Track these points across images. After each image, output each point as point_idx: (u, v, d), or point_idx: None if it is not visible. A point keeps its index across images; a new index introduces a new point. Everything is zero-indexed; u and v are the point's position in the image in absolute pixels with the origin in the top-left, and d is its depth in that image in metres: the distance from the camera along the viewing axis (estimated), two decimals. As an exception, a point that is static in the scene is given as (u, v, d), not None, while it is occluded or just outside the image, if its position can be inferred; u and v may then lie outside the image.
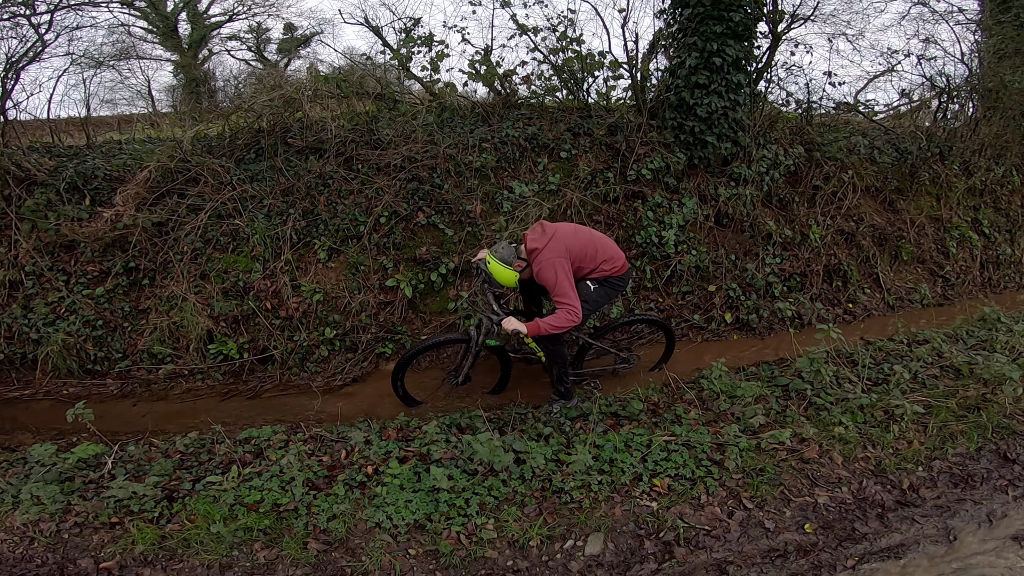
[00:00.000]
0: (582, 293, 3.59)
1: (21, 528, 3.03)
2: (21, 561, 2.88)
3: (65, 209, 4.86)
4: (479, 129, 5.60)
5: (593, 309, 3.77)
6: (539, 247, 3.42)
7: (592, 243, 3.61)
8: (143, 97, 13.75)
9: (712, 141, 5.40)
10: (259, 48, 19.33)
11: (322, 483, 3.24)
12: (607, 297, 3.77)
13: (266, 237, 4.86)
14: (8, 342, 4.64)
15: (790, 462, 3.31)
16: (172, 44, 16.20)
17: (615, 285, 3.77)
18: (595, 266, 3.62)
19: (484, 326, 3.87)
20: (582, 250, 3.54)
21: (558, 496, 3.08)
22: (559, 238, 3.45)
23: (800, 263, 5.55)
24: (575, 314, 3.33)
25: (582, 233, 3.63)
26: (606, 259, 3.64)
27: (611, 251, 3.69)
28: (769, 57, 6.07)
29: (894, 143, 6.49)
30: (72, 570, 2.83)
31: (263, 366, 4.77)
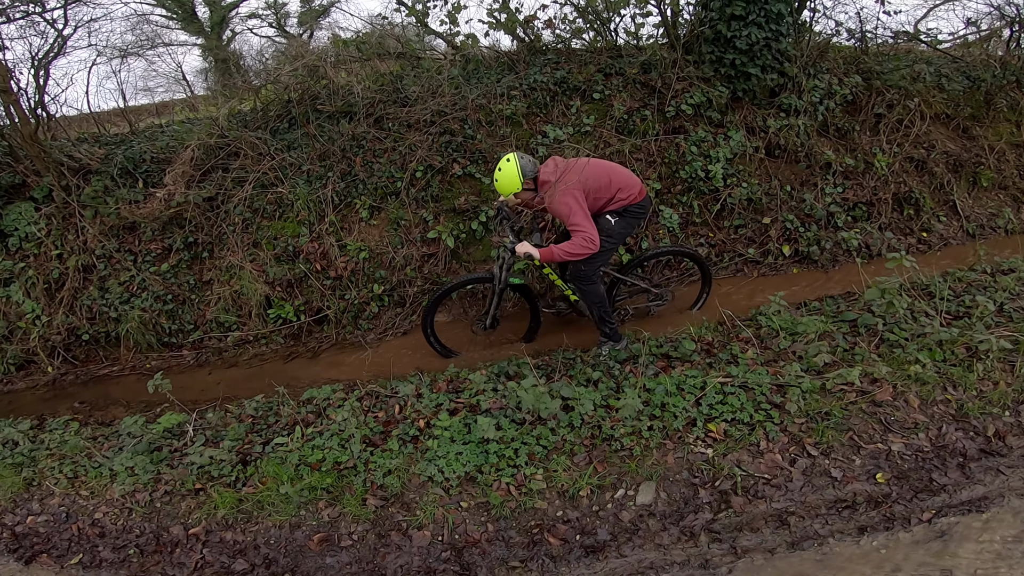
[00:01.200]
0: (603, 227, 3.57)
1: (120, 500, 3.30)
2: (123, 532, 3.14)
3: (121, 193, 5.09)
4: (506, 78, 5.44)
5: (618, 242, 3.74)
6: (551, 180, 3.45)
7: (606, 172, 3.57)
8: (178, 83, 14.14)
9: (756, 73, 5.01)
10: (280, 23, 19.26)
11: (378, 439, 3.32)
12: (629, 227, 3.74)
13: (309, 201, 4.95)
14: (91, 323, 4.99)
15: (860, 405, 3.09)
16: (195, 28, 16.39)
17: (635, 214, 3.71)
18: (611, 196, 3.57)
19: (506, 263, 3.84)
20: (596, 180, 3.49)
21: (608, 444, 3.03)
22: (573, 171, 3.44)
23: (866, 191, 5.11)
24: (590, 241, 3.32)
25: (594, 165, 3.58)
26: (621, 187, 3.58)
27: (625, 179, 3.63)
28: (812, -15, 5.49)
29: (963, 71, 5.90)
30: (166, 538, 3.06)
31: (319, 326, 4.94)
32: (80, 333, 5.00)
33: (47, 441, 3.83)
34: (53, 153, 5.21)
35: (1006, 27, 6.51)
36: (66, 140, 5.65)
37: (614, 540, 2.68)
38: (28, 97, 5.25)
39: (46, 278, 5.05)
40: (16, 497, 3.50)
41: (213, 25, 16.24)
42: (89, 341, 5.07)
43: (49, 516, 3.33)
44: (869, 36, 5.75)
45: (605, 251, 3.66)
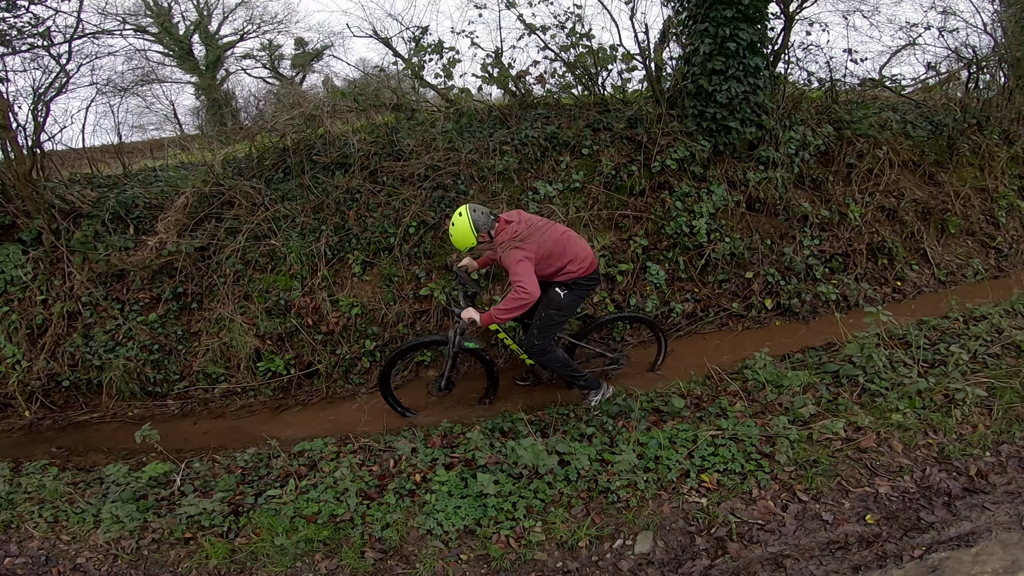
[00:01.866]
0: (553, 300, 3.68)
1: (104, 546, 3.19)
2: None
3: (112, 239, 5.08)
4: (498, 132, 5.61)
5: (567, 314, 3.81)
6: (508, 236, 3.48)
7: (563, 241, 3.62)
8: (170, 120, 14.25)
9: (736, 126, 5.29)
10: (274, 65, 19.76)
11: (373, 492, 3.31)
12: (578, 299, 3.80)
13: (302, 255, 4.98)
14: (72, 369, 4.89)
15: (846, 452, 3.21)
16: (190, 66, 16.73)
17: (584, 286, 3.78)
18: (561, 265, 3.62)
19: (460, 327, 3.86)
20: (551, 246, 3.54)
21: (604, 496, 3.08)
22: (533, 231, 3.49)
23: (841, 243, 5.38)
24: (524, 296, 3.34)
25: (554, 230, 3.63)
26: (573, 259, 3.63)
27: (579, 250, 3.68)
28: (785, 38, 5.91)
29: (927, 116, 6.31)
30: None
31: (309, 380, 4.90)
32: (61, 379, 4.88)
33: (24, 485, 3.73)
34: (46, 194, 5.18)
35: (963, 69, 6.90)
36: (59, 181, 5.63)
37: (614, 592, 2.68)
38: (26, 134, 5.23)
39: (29, 323, 4.96)
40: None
41: (208, 64, 16.58)
42: (70, 387, 4.95)
43: (28, 559, 3.21)
44: (839, 84, 6.10)
45: (555, 324, 3.77)
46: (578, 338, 4.25)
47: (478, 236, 3.50)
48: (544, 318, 3.74)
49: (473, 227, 3.47)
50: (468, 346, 3.99)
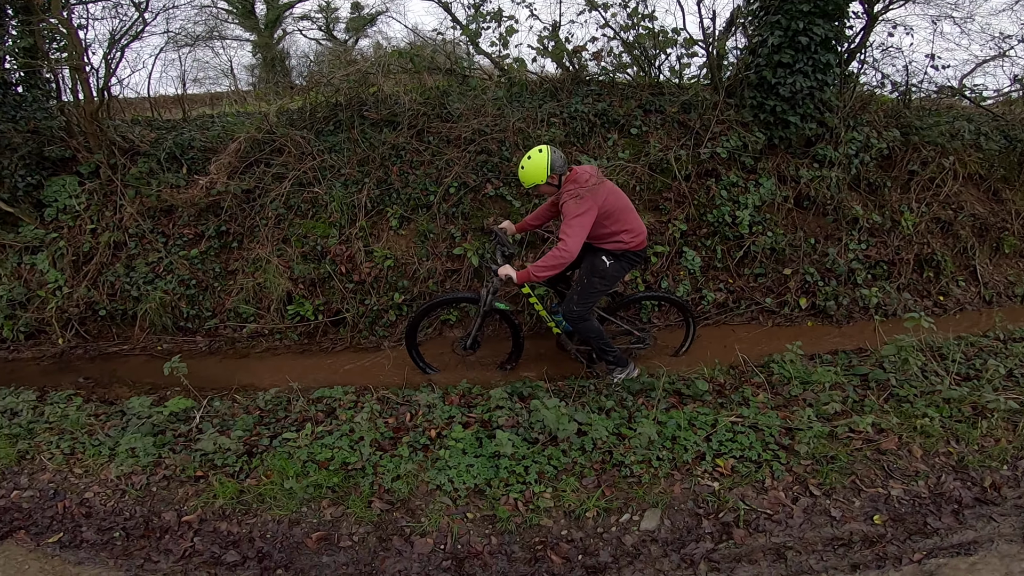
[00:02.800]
0: (597, 267, 3.63)
1: (114, 481, 3.26)
2: (111, 514, 3.10)
3: (165, 177, 5.28)
4: (547, 104, 5.59)
5: (610, 284, 3.75)
6: (581, 181, 3.42)
7: (623, 208, 3.57)
8: (226, 76, 14.60)
9: (795, 121, 5.12)
10: (329, 27, 19.89)
11: (387, 444, 3.36)
12: (623, 271, 3.75)
13: (343, 204, 5.09)
14: (111, 299, 5.11)
15: (865, 452, 3.14)
16: (250, 24, 16.97)
17: (632, 260, 3.73)
18: (616, 231, 3.57)
19: (493, 286, 3.85)
20: (614, 206, 3.50)
21: (618, 469, 3.08)
22: (604, 186, 3.46)
23: (888, 250, 5.19)
24: (565, 252, 3.31)
25: (620, 196, 3.60)
26: (628, 228, 3.59)
27: (635, 223, 3.64)
28: (864, 37, 5.66)
29: (1003, 130, 5.94)
30: (156, 523, 3.01)
31: (335, 328, 5.02)
32: (98, 308, 5.11)
33: (47, 414, 3.83)
34: (109, 132, 5.42)
35: None
36: (122, 121, 5.86)
37: (615, 563, 2.70)
38: (98, 76, 5.46)
39: (76, 250, 5.19)
40: (5, 470, 3.46)
41: (267, 23, 16.79)
42: (105, 317, 5.18)
43: (36, 492, 3.29)
44: (914, 90, 5.83)
45: (596, 292, 3.72)
46: (608, 312, 4.22)
47: (549, 176, 3.46)
48: (586, 284, 3.70)
49: (550, 166, 3.44)
50: (499, 307, 3.99)
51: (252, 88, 12.66)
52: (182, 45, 7.47)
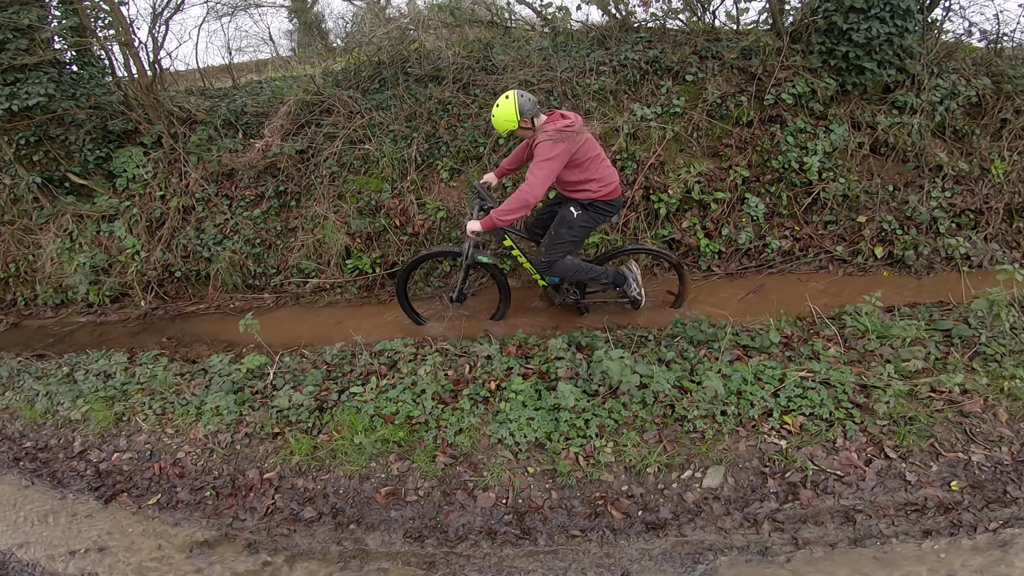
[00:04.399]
0: (565, 218, 3.62)
1: (203, 440, 3.45)
2: (202, 473, 3.29)
3: (223, 142, 5.42)
4: (595, 53, 5.36)
5: (579, 235, 3.70)
6: (560, 125, 3.32)
7: (593, 157, 3.48)
8: (267, 43, 14.70)
9: (871, 67, 4.70)
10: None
11: (448, 397, 3.40)
12: (592, 222, 3.67)
13: (393, 159, 5.10)
14: (185, 260, 5.37)
15: (946, 413, 2.95)
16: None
17: (601, 210, 3.63)
18: (585, 179, 3.49)
19: (474, 241, 3.81)
20: (584, 156, 3.41)
21: (680, 424, 3.02)
22: (579, 135, 3.36)
23: (976, 199, 4.75)
24: (527, 192, 3.26)
25: (592, 145, 3.50)
26: (596, 178, 3.51)
27: (606, 173, 3.55)
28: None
29: None
30: (241, 481, 3.19)
31: (392, 280, 5.11)
32: (174, 270, 5.39)
33: (138, 375, 4.07)
34: (165, 103, 5.59)
35: None
36: (177, 92, 6.03)
37: (676, 519, 2.69)
38: (147, 50, 5.61)
39: (148, 217, 5.44)
40: (104, 432, 3.70)
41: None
42: (180, 278, 5.46)
43: (134, 454, 3.50)
44: (1005, 39, 5.28)
45: (565, 243, 3.68)
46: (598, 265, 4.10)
47: (520, 120, 3.39)
48: (554, 236, 3.69)
49: (518, 110, 3.36)
50: (481, 260, 4.00)
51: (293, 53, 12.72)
52: (222, 15, 7.52)
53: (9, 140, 5.23)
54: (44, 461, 3.65)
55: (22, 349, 5.00)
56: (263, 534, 2.91)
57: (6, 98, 4.96)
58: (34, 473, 3.56)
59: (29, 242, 5.66)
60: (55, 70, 5.22)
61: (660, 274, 4.87)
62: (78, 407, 3.87)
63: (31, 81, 5.00)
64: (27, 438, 3.89)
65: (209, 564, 2.79)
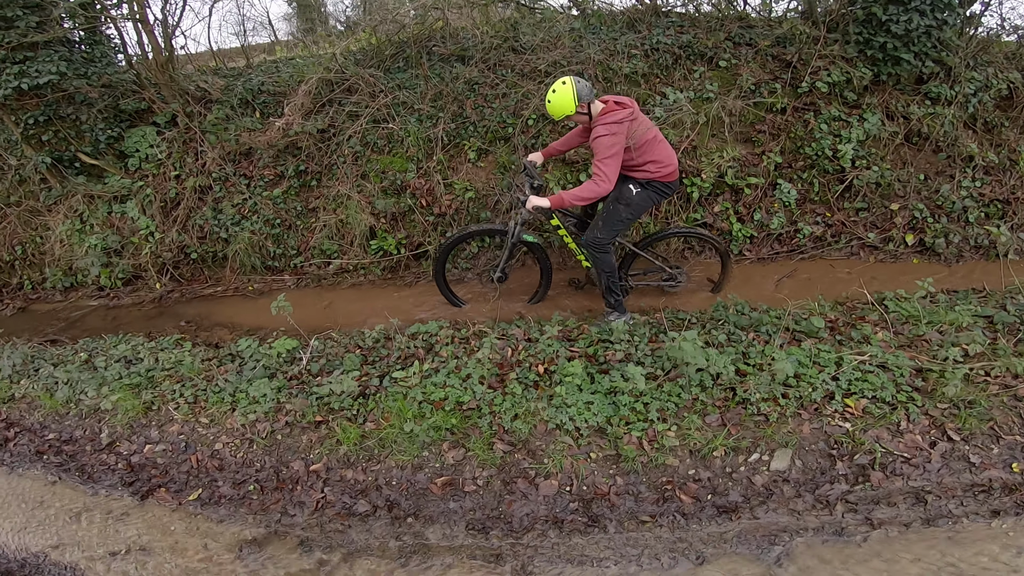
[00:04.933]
0: (624, 195, 3.62)
1: (240, 430, 3.25)
2: (242, 466, 3.09)
3: (242, 122, 5.24)
4: (625, 36, 5.28)
5: (636, 213, 3.71)
6: (613, 112, 3.37)
7: (652, 139, 3.52)
8: (264, 27, 14.40)
9: (908, 59, 4.71)
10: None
11: (494, 381, 3.30)
12: (650, 201, 3.69)
13: (419, 139, 4.98)
14: (201, 241, 5.19)
15: (1002, 398, 2.97)
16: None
17: (659, 190, 3.66)
18: (643, 162, 3.53)
19: (522, 218, 3.83)
20: (642, 140, 3.47)
21: (743, 407, 2.99)
22: (636, 118, 3.42)
23: (1004, 189, 4.81)
24: (603, 184, 3.33)
25: (651, 127, 3.55)
26: (656, 160, 3.54)
27: (665, 153, 3.58)
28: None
29: None
30: (286, 474, 3.01)
31: (417, 262, 5.02)
32: (189, 252, 5.21)
33: (162, 360, 3.83)
34: (180, 82, 5.39)
35: None
36: (192, 71, 5.82)
37: (747, 502, 2.66)
38: (164, 27, 5.38)
39: (163, 197, 5.24)
40: (133, 423, 3.48)
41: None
42: (197, 260, 5.28)
43: (168, 445, 3.28)
44: None
45: (622, 220, 3.69)
46: (640, 247, 4.10)
47: (579, 106, 3.41)
48: (612, 211, 3.68)
49: (576, 96, 3.38)
50: (526, 239, 3.99)
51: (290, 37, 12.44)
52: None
53: (17, 120, 4.99)
54: (70, 454, 3.44)
55: (32, 335, 4.78)
56: (315, 530, 2.75)
57: (15, 76, 4.72)
58: (60, 467, 3.35)
59: (37, 224, 5.42)
60: (66, 48, 4.98)
61: (691, 257, 4.84)
62: (103, 395, 3.66)
63: (41, 59, 4.76)
64: (49, 429, 3.66)
65: (262, 565, 2.62)
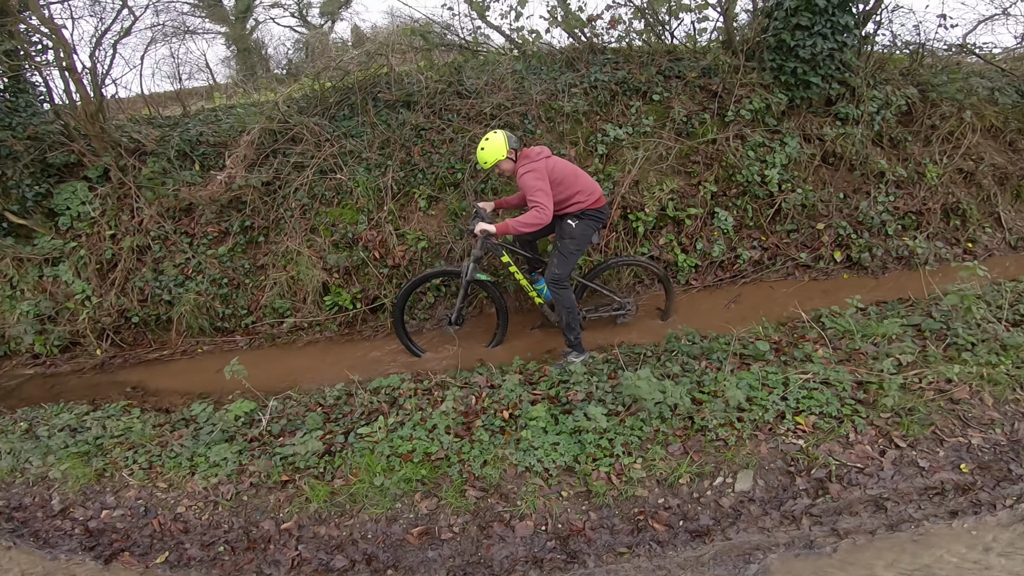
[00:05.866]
0: (566, 231, 3.90)
1: (203, 492, 3.17)
2: (210, 527, 3.02)
3: (180, 175, 5.08)
4: (565, 75, 5.50)
5: (581, 244, 3.96)
6: (533, 156, 3.78)
7: (571, 173, 3.87)
8: (202, 70, 14.13)
9: (817, 82, 5.15)
10: (302, 13, 19.22)
11: (461, 430, 3.32)
12: (589, 229, 3.96)
13: (368, 189, 4.98)
14: (142, 304, 4.96)
15: (939, 402, 3.20)
16: (219, 16, 16.29)
17: (594, 217, 3.94)
18: (570, 195, 3.83)
19: (474, 256, 3.98)
20: (560, 173, 3.79)
21: (702, 434, 3.09)
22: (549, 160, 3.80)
23: (915, 201, 5.25)
24: (543, 212, 3.62)
25: (564, 163, 3.91)
26: (581, 190, 3.85)
27: (586, 183, 3.90)
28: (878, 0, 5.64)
29: (1015, 85, 6.09)
30: (256, 533, 2.94)
31: (375, 315, 4.95)
32: (130, 315, 4.97)
33: (110, 428, 3.71)
34: (112, 133, 5.19)
35: None
36: (122, 121, 5.63)
37: (718, 524, 2.74)
38: (93, 76, 5.20)
39: (98, 258, 5.01)
40: (86, 489, 3.36)
41: (238, 14, 16.13)
42: (139, 324, 5.03)
43: (126, 510, 3.19)
44: (927, 49, 5.90)
45: (572, 252, 3.94)
46: (588, 279, 4.30)
47: (509, 152, 3.77)
48: (560, 248, 3.93)
49: (507, 142, 3.76)
50: (480, 278, 4.10)
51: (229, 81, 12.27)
52: (168, 41, 7.17)
53: (-67, 177, 4.70)
54: (22, 520, 3.26)
55: (-40, 408, 4.42)
56: (294, 588, 2.69)
57: (-71, 130, 4.47)
58: (14, 533, 3.17)
59: (-42, 292, 5.06)
60: (-13, 98, 4.77)
61: (643, 291, 5.01)
62: (49, 464, 3.50)
63: (-42, 110, 4.53)
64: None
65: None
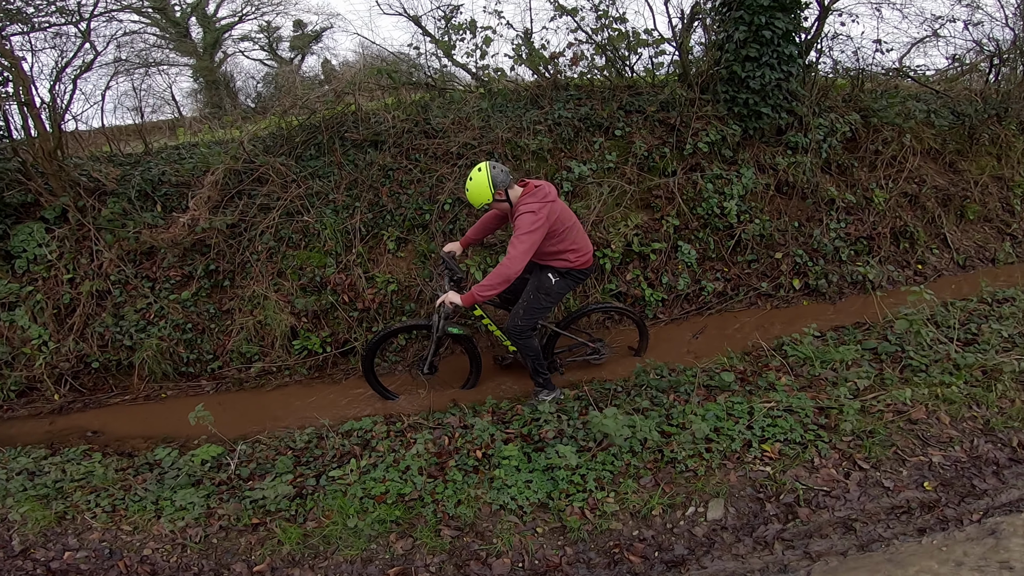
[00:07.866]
0: (543, 284, 3.68)
1: (170, 535, 3.10)
2: (179, 570, 2.94)
3: (141, 217, 4.98)
4: (530, 112, 5.62)
5: (554, 301, 3.79)
6: (539, 196, 3.41)
7: (572, 226, 3.62)
8: (167, 103, 14.01)
9: (767, 112, 5.38)
10: (272, 47, 19.39)
11: (434, 470, 3.31)
12: (567, 288, 3.80)
13: (336, 231, 4.95)
14: (102, 350, 4.79)
15: (898, 423, 3.32)
16: (186, 49, 16.31)
17: (576, 278, 3.79)
18: (564, 249, 3.61)
19: (445, 311, 3.74)
20: (562, 224, 3.53)
21: (672, 466, 3.14)
22: (556, 205, 3.46)
23: (866, 226, 5.51)
24: (510, 268, 3.28)
25: (569, 213, 3.66)
26: (575, 248, 3.64)
27: (582, 242, 3.71)
28: (818, 28, 6.00)
29: (949, 106, 6.44)
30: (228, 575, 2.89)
31: (345, 358, 4.87)
32: (90, 361, 4.78)
33: (70, 472, 3.62)
34: (70, 171, 5.07)
35: (985, 61, 7.14)
36: (82, 159, 5.50)
37: (692, 554, 2.77)
38: (52, 111, 5.09)
39: (56, 303, 4.84)
40: (47, 531, 3.25)
41: (206, 46, 16.14)
42: (99, 369, 4.85)
43: (89, 552, 3.10)
44: (865, 74, 6.23)
45: (542, 307, 3.76)
46: (561, 327, 4.23)
47: (495, 192, 3.42)
48: (531, 300, 3.74)
49: (491, 183, 3.39)
50: (452, 331, 3.96)
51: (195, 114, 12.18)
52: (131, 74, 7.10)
53: None
54: None
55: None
56: (266, 635, 2.60)
57: None
58: None
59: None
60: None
61: (612, 327, 5.06)
62: (8, 507, 3.39)
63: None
64: (-47, 537, 3.26)
65: None
